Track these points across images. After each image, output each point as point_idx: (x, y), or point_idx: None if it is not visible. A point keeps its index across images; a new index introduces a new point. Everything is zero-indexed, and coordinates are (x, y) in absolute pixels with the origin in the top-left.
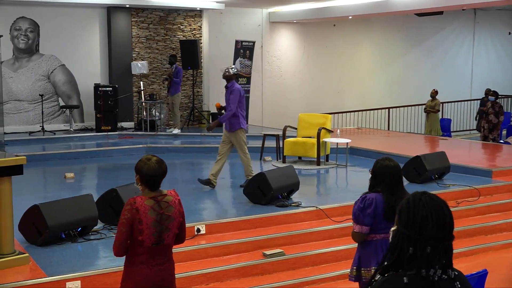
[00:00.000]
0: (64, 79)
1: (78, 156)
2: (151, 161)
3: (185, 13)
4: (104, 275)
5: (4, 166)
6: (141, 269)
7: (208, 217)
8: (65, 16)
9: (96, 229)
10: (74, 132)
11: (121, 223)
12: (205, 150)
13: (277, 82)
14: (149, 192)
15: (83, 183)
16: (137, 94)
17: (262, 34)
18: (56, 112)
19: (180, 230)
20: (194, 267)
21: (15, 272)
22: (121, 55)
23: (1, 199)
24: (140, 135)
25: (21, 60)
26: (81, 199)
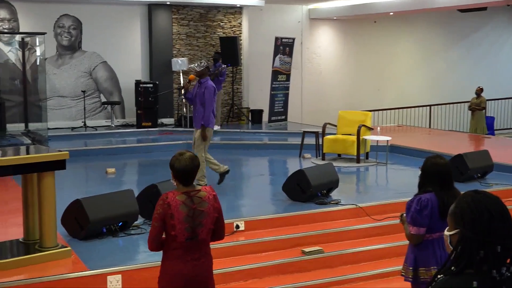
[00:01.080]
0: (105, 76)
1: (119, 151)
2: (183, 157)
3: (225, 10)
4: (143, 270)
5: (48, 161)
6: (176, 263)
7: (247, 214)
8: (107, 13)
9: (137, 224)
10: (115, 128)
11: (154, 218)
12: (244, 146)
13: (316, 79)
14: (183, 187)
15: (124, 179)
16: (177, 91)
17: (302, 31)
18: (98, 108)
19: (216, 226)
20: (232, 264)
21: (58, 265)
22: (162, 52)
23: (44, 193)
24: (180, 131)
25: (64, 57)
26: (122, 194)
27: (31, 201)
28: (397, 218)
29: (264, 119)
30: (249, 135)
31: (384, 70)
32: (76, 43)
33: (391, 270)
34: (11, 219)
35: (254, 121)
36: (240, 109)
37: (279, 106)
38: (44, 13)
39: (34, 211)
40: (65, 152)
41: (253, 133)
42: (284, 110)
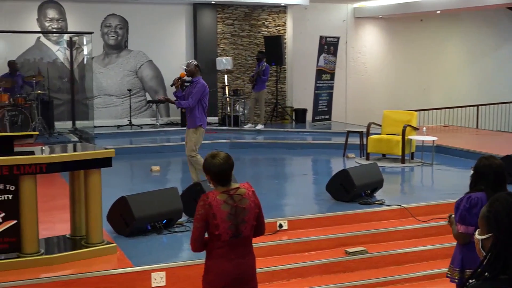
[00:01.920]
0: (151, 75)
1: (163, 150)
2: (216, 158)
3: (270, 9)
4: (187, 267)
5: (94, 158)
6: (221, 262)
7: (290, 213)
8: (153, 13)
9: (181, 222)
10: (160, 126)
11: (196, 219)
12: (288, 146)
13: (361, 78)
14: (221, 187)
15: (168, 177)
16: (221, 90)
17: (347, 30)
18: (143, 106)
19: (258, 221)
20: (275, 263)
21: (103, 261)
22: (206, 51)
23: (91, 190)
24: (223, 130)
25: (110, 56)
26: (166, 192)
27: (78, 197)
28: (443, 219)
29: (308, 118)
30: (292, 134)
31: (430, 69)
32: (122, 42)
33: (436, 272)
34: (58, 215)
35: (297, 120)
36: (283, 108)
37: (323, 106)
38: (91, 13)
39: (80, 208)
40: (111, 149)
41: (297, 132)
42: (328, 109)
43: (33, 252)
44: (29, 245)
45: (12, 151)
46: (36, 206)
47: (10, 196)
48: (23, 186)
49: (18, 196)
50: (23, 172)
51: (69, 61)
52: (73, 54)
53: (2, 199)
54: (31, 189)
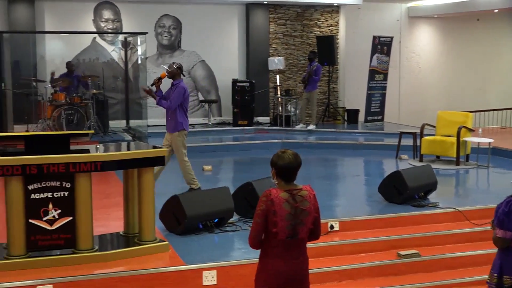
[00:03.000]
0: (203, 75)
1: (215, 149)
2: (286, 154)
3: (322, 9)
4: (239, 266)
5: (148, 157)
6: (276, 261)
7: (342, 214)
8: (206, 13)
9: (232, 221)
10: (212, 126)
11: (257, 214)
12: (340, 146)
13: (415, 78)
14: (284, 185)
15: (220, 176)
16: (273, 90)
17: (401, 29)
18: (196, 106)
19: (314, 225)
20: (326, 264)
21: (156, 258)
22: (259, 51)
23: (144, 188)
24: (275, 130)
25: (164, 56)
26: (218, 191)
27: (131, 195)
28: None
29: (360, 119)
30: (344, 135)
31: (486, 70)
32: (175, 42)
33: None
34: (112, 213)
35: (350, 120)
36: (335, 109)
37: (375, 106)
38: (145, 14)
39: (134, 206)
40: (164, 149)
41: (349, 133)
42: (381, 110)
43: (87, 249)
44: (84, 242)
45: (68, 149)
46: (91, 203)
47: (66, 193)
48: (78, 184)
49: (73, 193)
50: (79, 169)
51: (123, 61)
52: (127, 54)
53: (58, 196)
54: (86, 186)
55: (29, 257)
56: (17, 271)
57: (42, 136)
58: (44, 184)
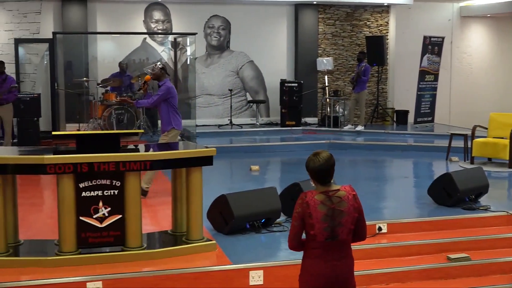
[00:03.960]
0: (252, 75)
1: (263, 149)
2: (318, 157)
3: (372, 9)
4: (285, 267)
5: (196, 157)
6: (316, 263)
7: (390, 216)
8: (255, 14)
9: (279, 222)
10: (260, 126)
11: (293, 217)
12: (388, 147)
13: (466, 79)
14: (321, 186)
15: (267, 176)
16: (321, 90)
17: (452, 30)
18: (244, 106)
19: (357, 226)
20: (374, 266)
21: (203, 257)
22: (307, 51)
23: (192, 188)
24: (323, 130)
25: (213, 56)
26: (265, 191)
27: (180, 194)
28: None
29: (410, 120)
30: (393, 136)
31: None
32: (224, 43)
33: None
34: (160, 211)
35: (399, 121)
36: (384, 110)
37: (425, 107)
38: (195, 14)
39: (182, 205)
40: (213, 148)
41: (398, 134)
42: (431, 111)
43: (136, 246)
44: (133, 239)
45: (118, 148)
46: (140, 202)
47: (116, 191)
48: (128, 182)
49: (123, 192)
50: (129, 168)
51: (173, 62)
52: (177, 55)
53: (108, 194)
54: (136, 185)
55: (79, 253)
56: (68, 267)
57: (93, 135)
58: (94, 182)
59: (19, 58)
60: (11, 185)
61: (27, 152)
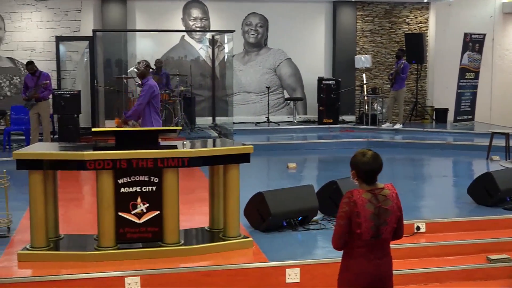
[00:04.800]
0: (289, 72)
1: (300, 147)
2: (366, 156)
3: (412, 5)
4: (322, 265)
5: (233, 154)
6: (360, 262)
7: (429, 215)
8: (293, 11)
9: (316, 220)
10: (297, 123)
11: (339, 216)
12: (427, 146)
13: (508, 77)
14: (366, 185)
15: (304, 174)
16: (359, 88)
17: (494, 26)
18: (281, 104)
19: (398, 224)
20: (412, 265)
21: (240, 254)
22: (345, 49)
23: (229, 185)
24: (361, 128)
25: (250, 54)
26: (302, 189)
27: (217, 191)
28: None
29: (449, 118)
30: (432, 134)
31: None
32: (262, 40)
33: None
34: (198, 208)
35: (438, 120)
36: (423, 108)
37: (466, 105)
38: (233, 12)
39: (219, 201)
40: (250, 146)
41: (437, 132)
42: (471, 109)
43: (173, 242)
44: (170, 236)
45: (156, 144)
46: (177, 198)
47: (154, 187)
48: (166, 179)
49: (161, 188)
50: (167, 165)
51: (210, 59)
52: (214, 52)
53: (146, 191)
54: (174, 181)
55: (118, 249)
56: (107, 262)
57: (131, 131)
58: (133, 179)
59: (60, 56)
60: (52, 180)
61: (68, 148)
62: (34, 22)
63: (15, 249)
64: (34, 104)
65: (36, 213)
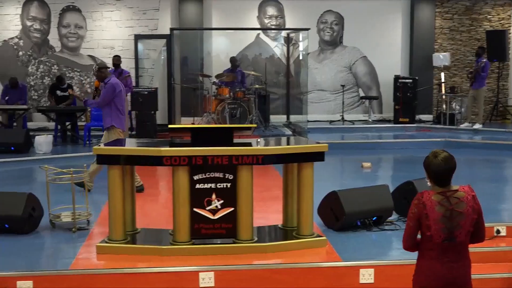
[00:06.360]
0: (365, 71)
1: (374, 146)
2: (437, 158)
3: (494, 2)
4: (397, 266)
5: (308, 152)
6: (432, 264)
7: (510, 219)
8: (369, 8)
9: (391, 220)
10: (372, 122)
11: (409, 217)
12: (509, 147)
13: None
14: (438, 187)
15: (379, 174)
16: (437, 87)
17: None
18: (356, 102)
19: (475, 228)
20: (491, 270)
21: (313, 253)
22: (423, 47)
23: (303, 183)
24: (438, 128)
25: (325, 51)
26: (377, 189)
27: (291, 189)
28: None
29: None
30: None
31: None
32: (337, 38)
33: None
34: (271, 206)
35: None
36: (505, 107)
37: None
38: (308, 10)
39: (293, 200)
40: (325, 144)
41: None
42: None
43: (247, 239)
44: (244, 232)
45: (231, 142)
46: (251, 195)
47: (229, 184)
48: (240, 176)
49: (235, 185)
50: (241, 162)
51: (285, 57)
52: (289, 50)
53: (221, 187)
54: (248, 178)
55: (192, 244)
56: (182, 257)
57: (207, 128)
58: (208, 175)
59: (138, 54)
60: (130, 175)
61: (145, 144)
62: (114, 21)
63: (94, 242)
64: None
65: (114, 207)
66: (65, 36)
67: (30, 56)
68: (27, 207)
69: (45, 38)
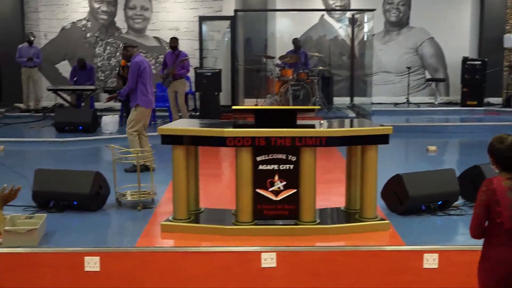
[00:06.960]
0: (431, 52)
1: (441, 130)
2: (504, 143)
3: None
4: (462, 252)
5: (372, 134)
6: (500, 250)
7: None
8: None
9: (456, 205)
10: (438, 105)
11: (477, 205)
12: None
13: None
14: (506, 173)
15: (445, 157)
16: (507, 69)
17: None
18: (422, 85)
19: None
20: None
21: (376, 236)
22: (493, 27)
23: (367, 166)
24: (507, 111)
25: (391, 33)
26: (442, 173)
27: (354, 172)
28: None
29: None
30: None
31: None
32: (404, 19)
33: None
34: (334, 188)
35: None
36: None
37: None
38: None
39: (356, 182)
40: (389, 127)
41: None
42: None
43: (309, 221)
44: (307, 214)
45: (294, 123)
46: (314, 177)
47: (291, 166)
48: (303, 157)
49: (298, 167)
50: (304, 144)
51: (350, 38)
52: (354, 31)
53: (284, 169)
54: (311, 160)
55: (255, 224)
56: (244, 237)
57: (270, 110)
58: (271, 156)
59: (202, 35)
60: (193, 156)
61: (209, 125)
62: (178, 2)
63: (158, 220)
64: (171, 81)
65: (178, 186)
66: (131, 17)
67: (97, 38)
68: (94, 185)
69: (112, 20)
